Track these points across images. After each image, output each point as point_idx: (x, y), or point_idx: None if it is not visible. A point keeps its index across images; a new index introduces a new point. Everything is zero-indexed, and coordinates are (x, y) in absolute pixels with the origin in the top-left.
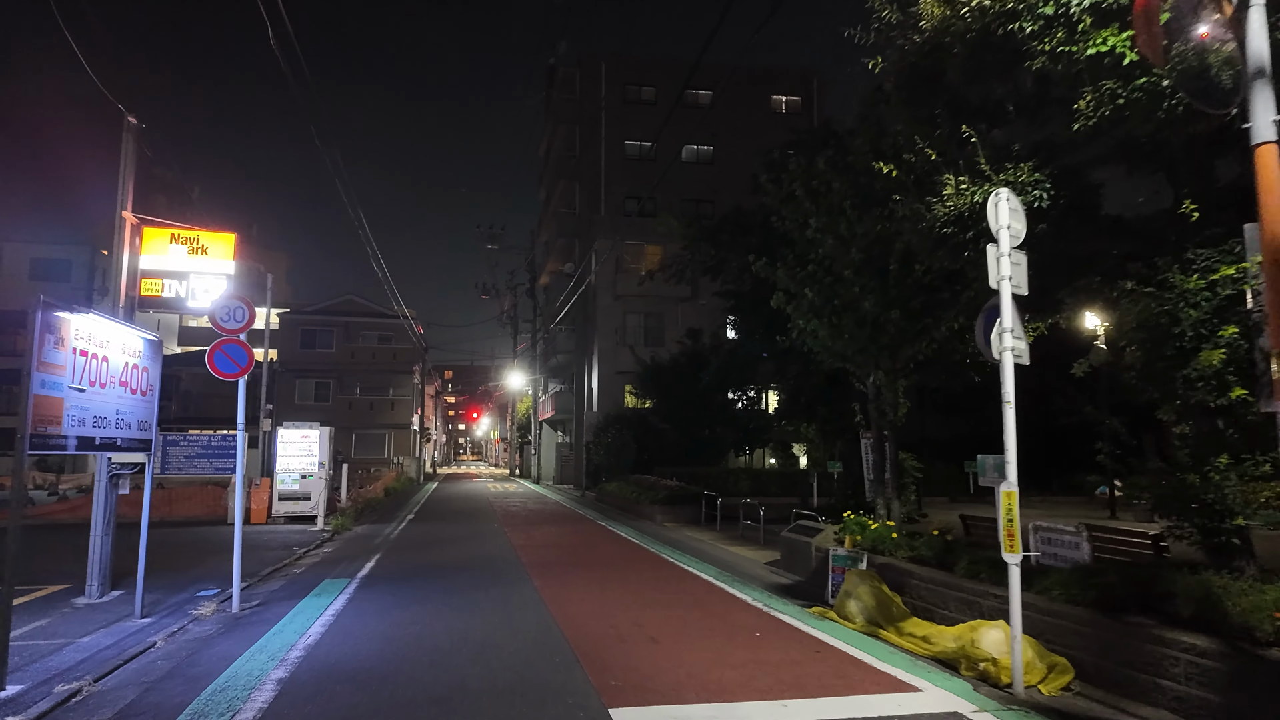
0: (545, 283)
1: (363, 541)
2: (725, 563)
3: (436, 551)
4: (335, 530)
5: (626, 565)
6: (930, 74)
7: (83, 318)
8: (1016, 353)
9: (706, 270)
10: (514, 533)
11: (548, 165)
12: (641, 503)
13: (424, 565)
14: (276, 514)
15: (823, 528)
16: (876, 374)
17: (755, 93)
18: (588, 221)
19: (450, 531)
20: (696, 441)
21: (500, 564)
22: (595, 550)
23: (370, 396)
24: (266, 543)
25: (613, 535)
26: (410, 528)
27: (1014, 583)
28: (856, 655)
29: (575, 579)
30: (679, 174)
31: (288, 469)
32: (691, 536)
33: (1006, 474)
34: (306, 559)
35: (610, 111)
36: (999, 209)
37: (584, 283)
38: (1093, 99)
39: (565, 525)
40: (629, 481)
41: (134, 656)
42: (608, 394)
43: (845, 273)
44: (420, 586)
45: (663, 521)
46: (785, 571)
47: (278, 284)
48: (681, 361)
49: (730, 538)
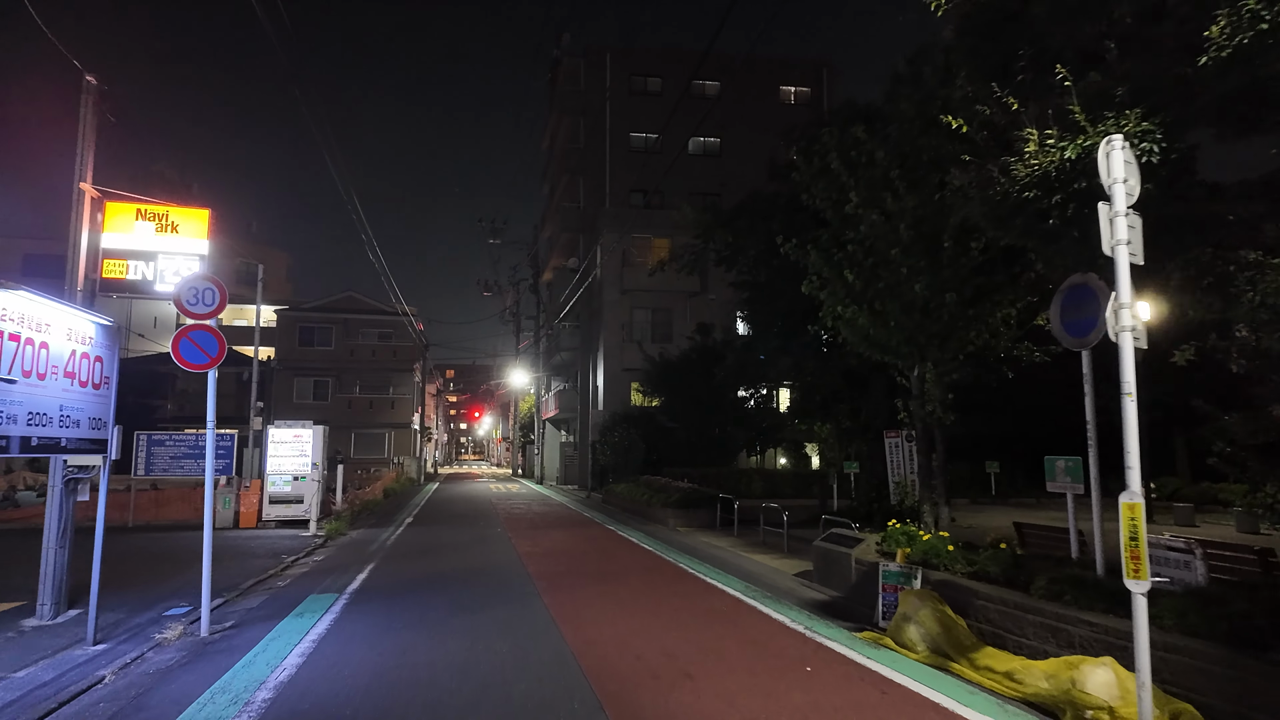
0: (548, 279)
1: (357, 548)
2: (751, 574)
3: (435, 560)
4: (328, 535)
5: (644, 577)
6: (1008, 10)
7: (11, 295)
8: (1136, 334)
9: (720, 260)
10: (519, 538)
11: (551, 159)
12: (653, 505)
13: (421, 577)
14: (267, 517)
15: (861, 537)
16: (923, 366)
17: (764, 83)
18: (592, 215)
19: (450, 536)
20: (707, 441)
21: (505, 575)
22: (608, 559)
23: (370, 395)
24: (253, 550)
25: (624, 541)
26: (408, 532)
27: (1140, 617)
28: (932, 697)
29: (589, 594)
30: (685, 167)
31: (279, 470)
32: (709, 543)
33: (1130, 482)
34: (295, 568)
35: (615, 103)
36: (1111, 160)
37: (589, 277)
38: (1228, 24)
39: (573, 530)
40: (638, 483)
41: (72, 697)
42: (614, 392)
43: (891, 252)
44: (415, 604)
45: (676, 526)
46: (820, 585)
47: (279, 282)
48: (692, 358)
49: (750, 544)
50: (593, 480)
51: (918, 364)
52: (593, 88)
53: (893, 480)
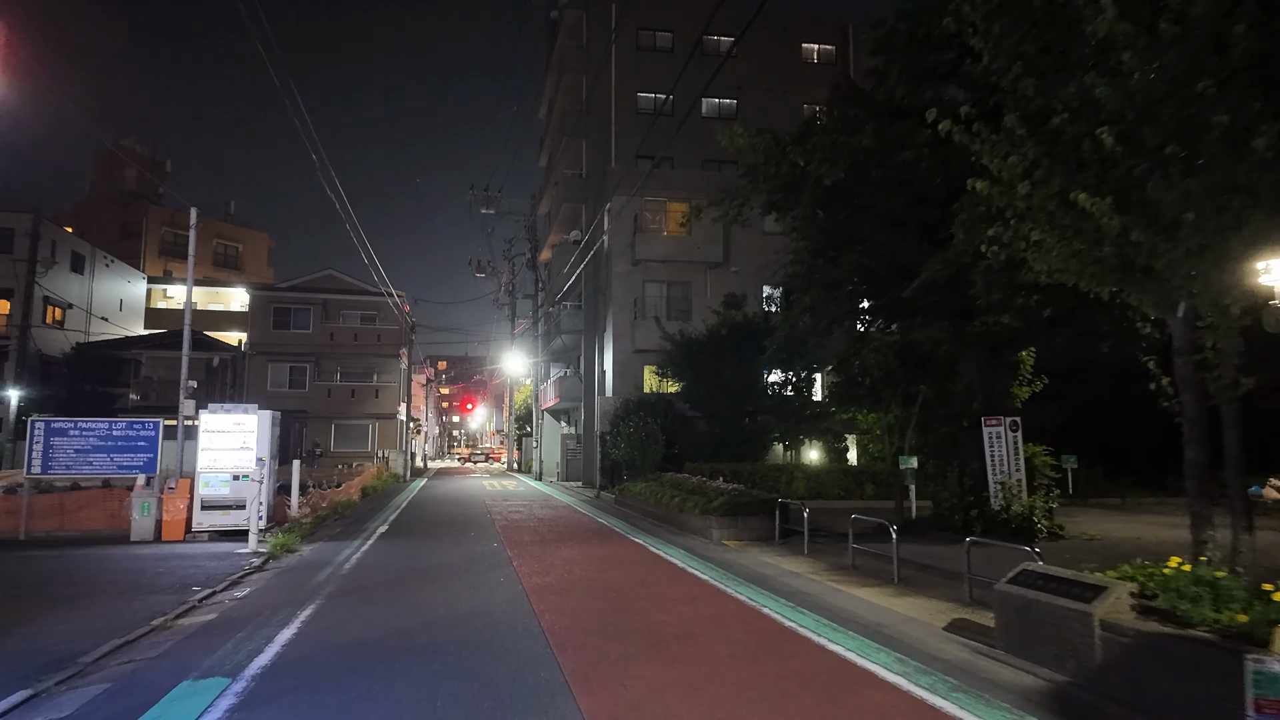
0: (546, 258)
1: (301, 576)
2: (875, 627)
3: (403, 601)
4: (271, 554)
5: (720, 635)
6: None
7: None
8: None
9: (769, 206)
10: (522, 559)
11: (549, 126)
12: (686, 511)
13: (375, 641)
14: (199, 527)
15: (1105, 584)
16: (1204, 294)
17: (784, 42)
18: (598, 180)
19: (431, 556)
20: (734, 432)
21: (508, 638)
22: (654, 597)
23: (352, 383)
24: (157, 578)
25: (664, 564)
26: (378, 548)
27: None
28: None
29: (651, 681)
30: (698, 131)
31: (214, 467)
32: (776, 565)
33: None
34: (195, 614)
35: (622, 60)
36: None
37: (593, 248)
38: None
39: (590, 545)
40: (660, 481)
41: None
42: (625, 376)
43: (1201, 86)
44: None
45: (721, 539)
46: (1011, 656)
47: (259, 265)
48: (721, 335)
49: (836, 569)
50: (602, 477)
51: (1188, 298)
52: (596, 43)
53: (993, 479)
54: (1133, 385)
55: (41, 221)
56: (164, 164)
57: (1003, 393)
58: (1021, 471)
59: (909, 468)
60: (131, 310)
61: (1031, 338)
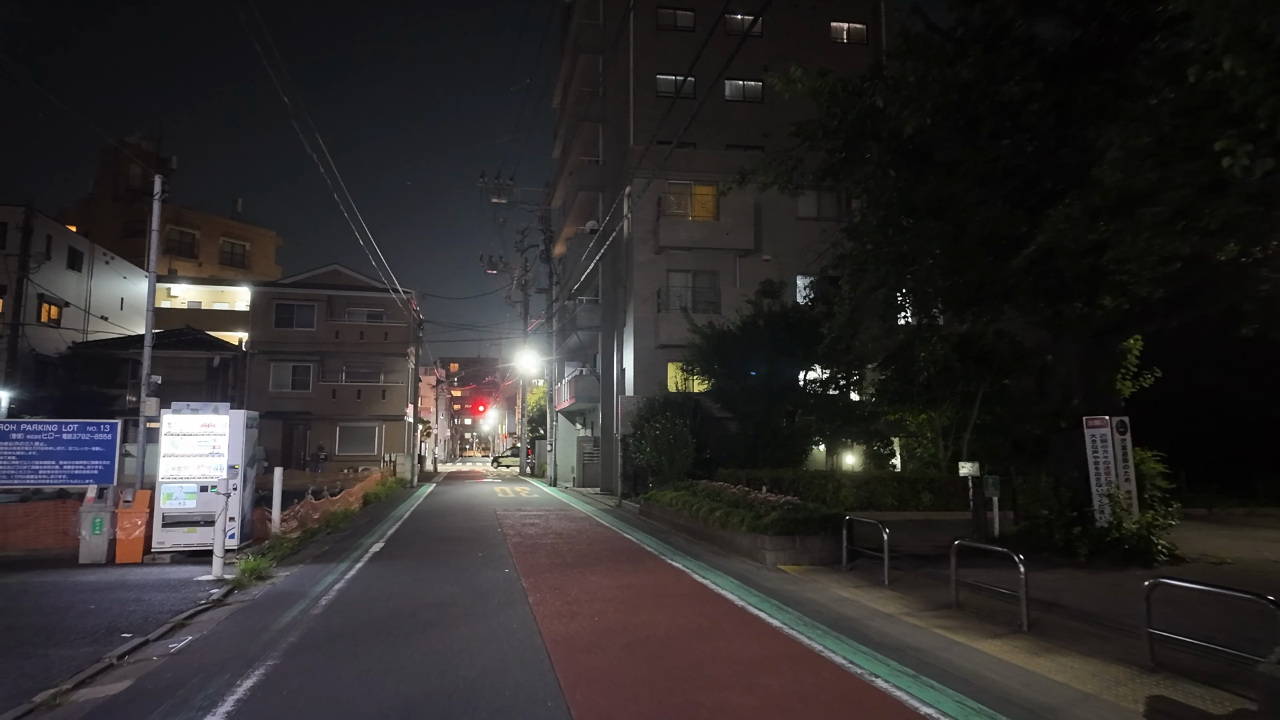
0: (561, 252)
1: (262, 615)
2: (1039, 712)
3: (381, 664)
4: (237, 582)
5: None
6: None
7: None
8: None
9: (827, 172)
10: (540, 592)
11: (563, 114)
12: (730, 527)
13: None
14: (160, 547)
15: None
16: None
17: (812, 20)
18: (615, 167)
19: (428, 588)
20: (769, 434)
21: None
22: (721, 661)
23: (358, 383)
24: (83, 617)
25: (716, 600)
26: (367, 574)
27: None
28: None
29: None
30: (722, 114)
31: (177, 475)
32: (856, 603)
33: None
34: (103, 683)
35: (640, 39)
36: None
37: (611, 236)
38: None
39: (622, 571)
40: (693, 490)
41: None
42: (647, 374)
43: None
44: None
45: (775, 563)
46: None
47: (266, 263)
48: (757, 326)
49: (936, 608)
50: (625, 485)
51: None
52: (614, 23)
53: (1097, 491)
54: (1206, 381)
55: (34, 215)
56: (169, 161)
57: (1107, 387)
58: (1131, 481)
59: (990, 476)
60: (133, 309)
61: (1143, 321)
